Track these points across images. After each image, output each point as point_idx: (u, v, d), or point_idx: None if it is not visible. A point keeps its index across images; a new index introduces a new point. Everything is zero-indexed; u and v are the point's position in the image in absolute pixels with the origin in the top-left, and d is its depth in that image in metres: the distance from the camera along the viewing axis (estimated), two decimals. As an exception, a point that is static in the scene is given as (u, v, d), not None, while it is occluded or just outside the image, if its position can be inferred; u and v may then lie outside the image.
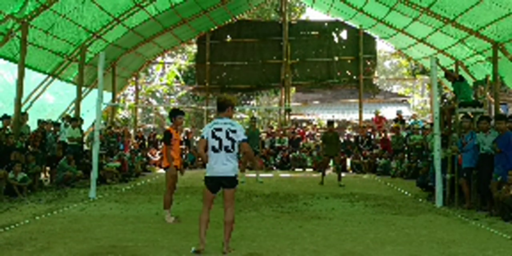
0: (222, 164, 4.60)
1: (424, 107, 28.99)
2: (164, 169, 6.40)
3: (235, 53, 20.09)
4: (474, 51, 14.00)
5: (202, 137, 4.71)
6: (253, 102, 30.77)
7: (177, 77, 27.41)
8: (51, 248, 4.79)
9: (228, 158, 4.61)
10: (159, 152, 16.23)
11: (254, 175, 11.96)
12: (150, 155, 15.43)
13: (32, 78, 12.58)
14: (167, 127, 6.40)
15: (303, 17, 27.44)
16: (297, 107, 25.11)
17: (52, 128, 11.57)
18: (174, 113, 6.52)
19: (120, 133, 15.27)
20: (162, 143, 6.46)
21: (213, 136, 4.62)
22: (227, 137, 4.59)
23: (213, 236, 5.41)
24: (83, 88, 14.34)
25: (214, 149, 4.61)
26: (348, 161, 15.97)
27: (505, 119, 7.47)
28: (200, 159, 16.21)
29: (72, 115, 13.68)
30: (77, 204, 7.76)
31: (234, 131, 4.63)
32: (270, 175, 13.82)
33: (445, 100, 11.26)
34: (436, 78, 8.69)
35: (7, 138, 9.23)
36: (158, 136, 17.71)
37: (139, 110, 25.66)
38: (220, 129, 4.62)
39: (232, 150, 4.62)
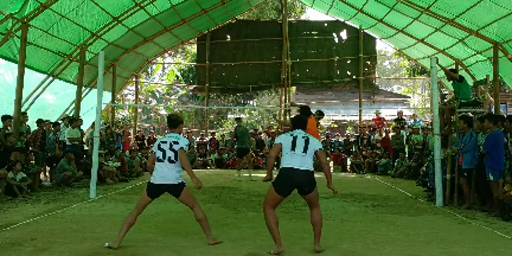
0: (165, 173, 4.90)
1: (424, 107, 29.00)
2: None
3: (235, 53, 20.10)
4: (474, 51, 14.00)
5: (152, 152, 5.07)
6: (253, 102, 30.78)
7: (177, 77, 27.42)
8: (51, 248, 4.78)
9: (171, 168, 4.89)
10: None
11: (247, 174, 12.13)
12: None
13: (32, 78, 12.57)
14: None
15: (303, 17, 27.44)
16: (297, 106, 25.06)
17: (52, 128, 11.57)
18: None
19: (120, 133, 15.25)
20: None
21: (159, 148, 4.98)
22: (170, 148, 4.92)
23: (214, 236, 5.41)
24: (83, 88, 14.34)
25: (158, 159, 4.94)
26: (348, 161, 16.01)
27: (483, 119, 7.47)
28: (201, 158, 16.28)
29: (72, 114, 13.69)
30: (77, 204, 7.75)
31: (176, 143, 4.94)
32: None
33: (445, 100, 11.25)
34: (436, 78, 8.69)
35: (7, 138, 9.22)
36: (159, 136, 17.68)
37: (139, 110, 25.64)
38: (165, 142, 4.98)
39: (175, 160, 4.91)
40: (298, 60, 19.72)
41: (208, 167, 16.23)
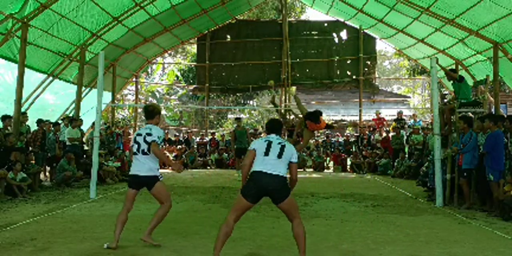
0: (139, 165, 4.90)
1: (424, 107, 29.00)
2: None
3: (235, 53, 20.11)
4: (474, 51, 14.00)
5: (131, 145, 5.11)
6: (253, 102, 30.78)
7: (177, 77, 27.42)
8: (51, 248, 4.78)
9: (145, 160, 4.88)
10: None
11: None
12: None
13: (32, 78, 12.57)
14: None
15: (303, 17, 27.45)
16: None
17: (52, 128, 11.57)
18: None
19: (120, 133, 15.23)
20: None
21: (134, 141, 4.99)
22: (144, 141, 4.90)
23: (214, 236, 5.42)
24: (83, 88, 14.34)
25: (134, 152, 4.99)
26: (348, 161, 16.01)
27: (483, 119, 7.51)
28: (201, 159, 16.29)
29: (72, 114, 13.69)
30: (77, 204, 7.75)
31: (150, 135, 4.89)
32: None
33: (445, 100, 11.29)
34: (436, 78, 8.69)
35: (7, 138, 9.21)
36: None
37: (139, 110, 25.64)
38: (140, 134, 4.97)
39: (148, 152, 4.88)
40: (298, 60, 19.74)
41: (208, 167, 16.23)
